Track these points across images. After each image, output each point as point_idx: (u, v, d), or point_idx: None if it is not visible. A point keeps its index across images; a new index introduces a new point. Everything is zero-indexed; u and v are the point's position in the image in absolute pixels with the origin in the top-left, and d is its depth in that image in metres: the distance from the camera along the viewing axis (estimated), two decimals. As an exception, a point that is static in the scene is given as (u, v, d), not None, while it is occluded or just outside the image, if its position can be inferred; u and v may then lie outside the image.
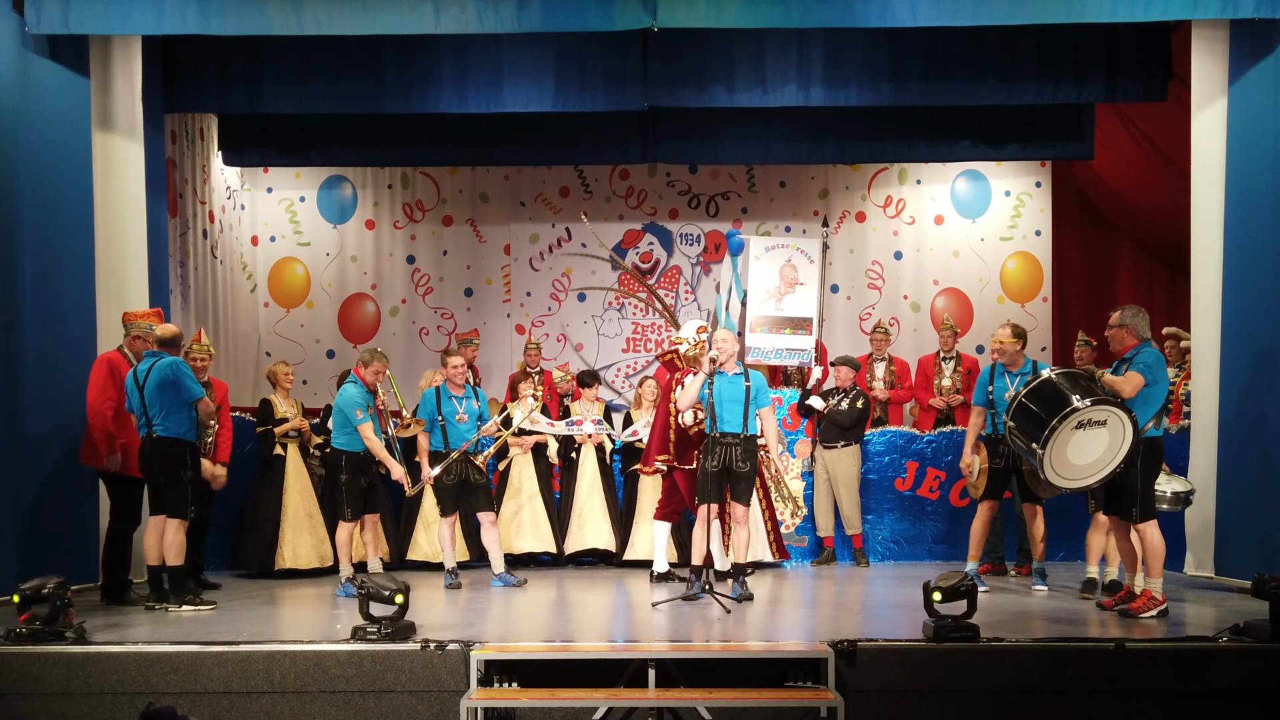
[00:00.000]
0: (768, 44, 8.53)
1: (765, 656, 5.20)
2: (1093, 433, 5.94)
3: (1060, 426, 5.90)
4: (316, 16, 7.26)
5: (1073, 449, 5.97)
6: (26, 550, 6.91)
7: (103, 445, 6.89)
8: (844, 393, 8.80)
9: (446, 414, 7.65)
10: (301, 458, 8.56)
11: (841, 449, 8.73)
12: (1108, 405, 5.90)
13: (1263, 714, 5.11)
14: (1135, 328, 6.28)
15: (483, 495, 7.76)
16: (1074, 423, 5.91)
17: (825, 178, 12.04)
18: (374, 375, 7.54)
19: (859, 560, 8.83)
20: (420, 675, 5.16)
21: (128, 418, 6.89)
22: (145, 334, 6.98)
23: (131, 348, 7.05)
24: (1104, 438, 5.94)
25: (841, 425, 8.71)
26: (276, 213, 12.14)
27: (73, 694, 5.17)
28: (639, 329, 12.02)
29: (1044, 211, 11.95)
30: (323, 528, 8.47)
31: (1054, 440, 5.94)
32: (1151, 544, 6.14)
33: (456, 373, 7.71)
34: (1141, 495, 6.13)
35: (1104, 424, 5.92)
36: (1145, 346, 6.25)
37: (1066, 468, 6.04)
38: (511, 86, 8.58)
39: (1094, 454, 5.98)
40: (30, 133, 7.14)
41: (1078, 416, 5.90)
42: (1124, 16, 7.22)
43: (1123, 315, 6.33)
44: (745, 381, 6.90)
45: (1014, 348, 7.23)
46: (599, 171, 12.01)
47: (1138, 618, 6.07)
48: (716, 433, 6.84)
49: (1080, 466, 6.03)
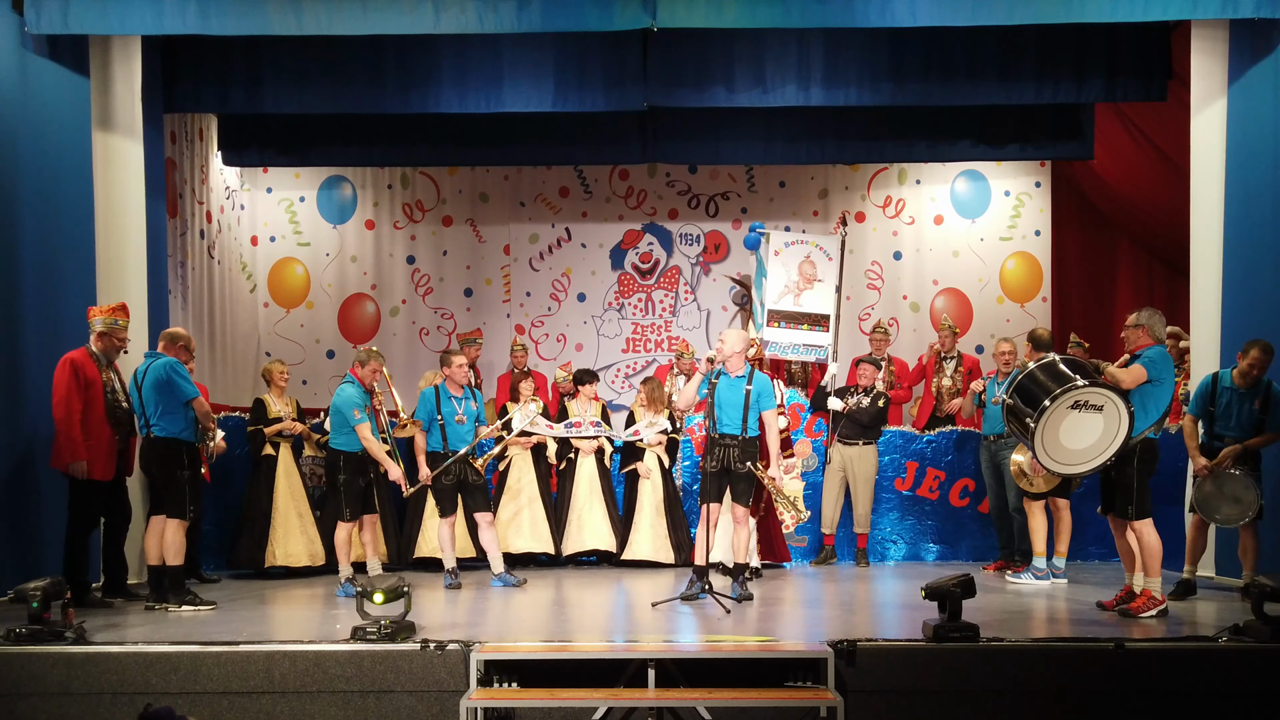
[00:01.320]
0: (767, 44, 8.54)
1: (765, 656, 5.20)
2: (1088, 417, 5.89)
3: (1055, 404, 5.82)
4: (316, 16, 7.26)
5: (1066, 431, 5.90)
6: (26, 551, 6.90)
7: (65, 450, 6.63)
8: (865, 391, 8.82)
9: (446, 414, 7.64)
10: (293, 457, 8.55)
11: (862, 446, 8.76)
12: (1107, 390, 5.88)
13: (1262, 714, 5.10)
14: (1152, 328, 6.26)
15: (480, 495, 7.76)
16: (1069, 401, 5.83)
17: (825, 178, 12.04)
18: (371, 374, 7.53)
19: (860, 560, 8.83)
20: (420, 675, 5.16)
21: (97, 421, 6.71)
22: (112, 329, 6.79)
23: (98, 345, 6.82)
24: (1098, 424, 5.89)
25: (861, 423, 8.74)
26: (276, 213, 12.15)
27: (72, 694, 5.16)
28: (639, 329, 12.02)
29: (1043, 211, 11.96)
30: (313, 527, 8.46)
31: (1048, 417, 5.85)
32: (1147, 543, 6.15)
33: (460, 373, 7.70)
34: (1136, 493, 6.13)
35: (1100, 409, 5.86)
36: (1157, 347, 6.24)
37: (1058, 450, 5.94)
38: (511, 86, 8.58)
39: (1087, 440, 5.91)
40: (30, 133, 7.14)
41: (1075, 395, 5.82)
42: (1124, 16, 7.22)
43: (1140, 316, 6.32)
44: (747, 385, 6.90)
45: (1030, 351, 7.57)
46: (599, 172, 12.02)
47: (1137, 617, 6.07)
48: (715, 433, 6.85)
49: (1073, 451, 5.96)
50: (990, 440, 8.32)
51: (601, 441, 8.95)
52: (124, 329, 6.89)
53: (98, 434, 6.73)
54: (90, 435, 6.70)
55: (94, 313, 6.94)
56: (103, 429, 6.75)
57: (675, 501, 8.85)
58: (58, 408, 6.63)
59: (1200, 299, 7.89)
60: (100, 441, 6.74)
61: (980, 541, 8.98)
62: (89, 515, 6.85)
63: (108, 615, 6.48)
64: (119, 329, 6.84)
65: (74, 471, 6.66)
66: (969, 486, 8.92)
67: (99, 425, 6.74)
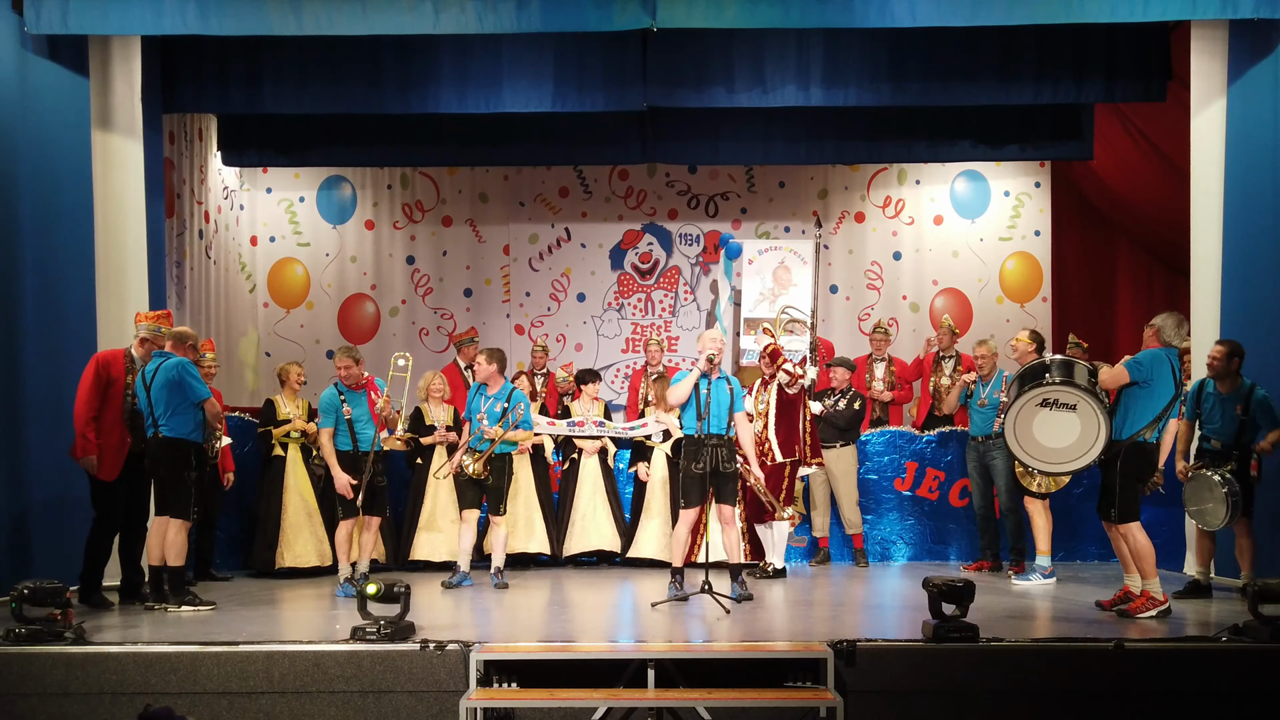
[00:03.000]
0: (767, 44, 8.53)
1: (764, 657, 5.20)
2: (1061, 416, 5.98)
3: (1020, 398, 6.04)
4: (316, 16, 7.26)
5: (1039, 427, 6.03)
6: (25, 551, 6.90)
7: (79, 444, 6.69)
8: (840, 394, 8.82)
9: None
10: (303, 458, 8.55)
11: (839, 449, 8.74)
12: (1081, 391, 5.92)
13: (1262, 714, 5.11)
14: (1162, 331, 6.24)
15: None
16: (1039, 398, 6.01)
17: (824, 178, 12.04)
18: (344, 374, 7.45)
19: (859, 560, 8.83)
20: (419, 675, 5.16)
21: (111, 421, 6.72)
22: (154, 336, 6.87)
23: (138, 350, 6.91)
24: (1075, 425, 5.97)
25: (838, 426, 8.72)
26: (276, 213, 12.14)
27: (72, 694, 5.16)
28: (638, 329, 12.02)
29: (1043, 212, 11.95)
30: (322, 527, 8.46)
31: (1018, 410, 6.04)
32: (1136, 545, 6.14)
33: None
34: (1120, 496, 6.12)
35: (1073, 408, 5.95)
36: (1154, 350, 6.21)
37: (1032, 445, 6.10)
38: (511, 87, 8.58)
39: (1065, 440, 6.02)
40: (30, 133, 7.14)
41: (1042, 392, 6.00)
42: (1123, 17, 7.22)
43: (1158, 318, 6.31)
44: (728, 385, 6.97)
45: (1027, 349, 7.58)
46: (598, 172, 12.02)
47: (1135, 618, 6.07)
48: (703, 434, 6.84)
49: (1049, 449, 6.08)
50: (978, 441, 8.35)
51: (604, 441, 8.94)
52: (165, 337, 6.87)
53: (109, 434, 6.74)
54: (101, 434, 6.71)
55: (140, 318, 7.06)
56: (115, 430, 6.76)
57: None
58: (78, 402, 6.70)
59: (1200, 299, 7.89)
60: (110, 441, 6.74)
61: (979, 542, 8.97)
62: (110, 517, 6.86)
63: (108, 616, 6.48)
64: (160, 337, 6.86)
65: (85, 466, 6.71)
66: (968, 487, 8.92)
67: (112, 426, 6.74)
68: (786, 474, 7.93)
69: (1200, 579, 7.09)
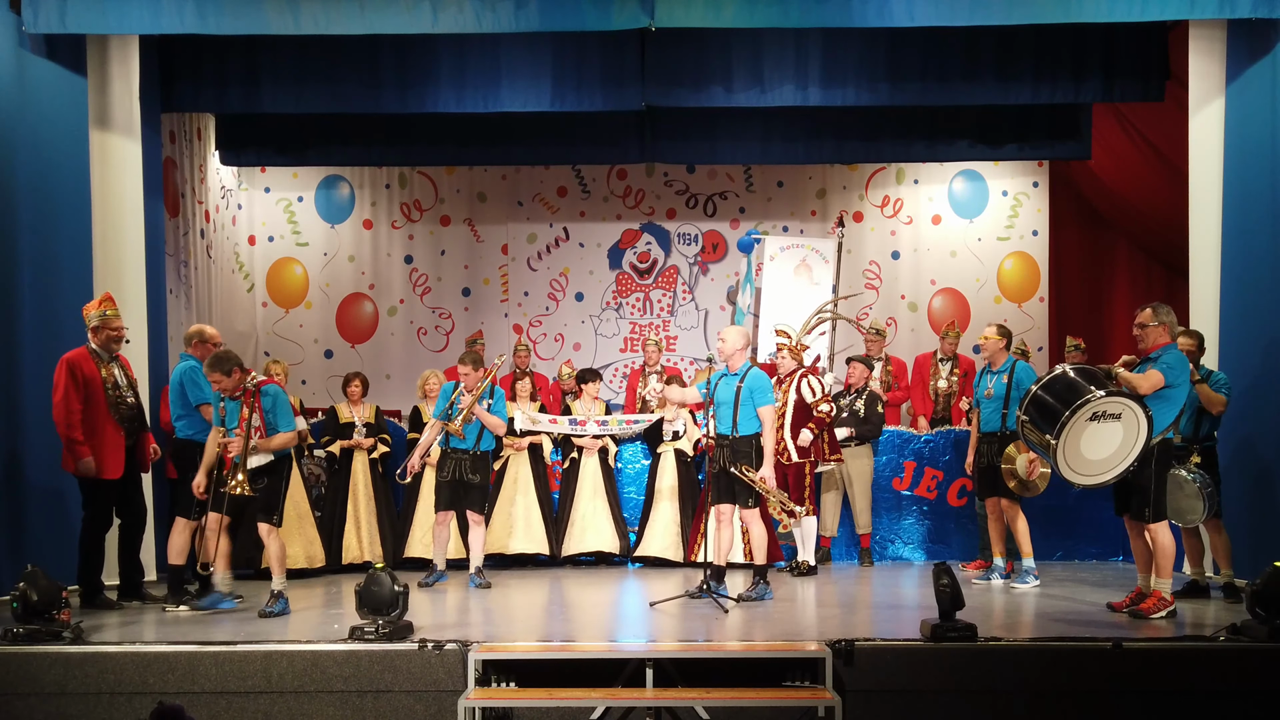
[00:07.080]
0: (765, 44, 8.54)
1: (763, 656, 5.20)
2: (1107, 426, 5.85)
3: (1074, 418, 5.79)
4: (314, 16, 7.26)
5: (1086, 442, 5.87)
6: (23, 551, 6.88)
7: (69, 452, 6.56)
8: (857, 392, 8.81)
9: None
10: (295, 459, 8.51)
11: (855, 447, 8.73)
12: (1123, 398, 5.84)
13: (1260, 714, 5.11)
14: (1170, 326, 6.22)
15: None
16: (1088, 414, 5.80)
17: (823, 177, 12.04)
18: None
19: (864, 560, 8.81)
20: (418, 675, 5.16)
21: (100, 418, 6.62)
22: (104, 321, 6.70)
23: (95, 341, 6.74)
24: (1118, 433, 5.86)
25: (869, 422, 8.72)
26: (274, 213, 12.13)
27: (70, 694, 5.16)
28: (636, 329, 12.02)
29: (1041, 211, 11.96)
30: (313, 528, 8.40)
31: (1068, 431, 5.82)
32: (1162, 544, 6.14)
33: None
34: (1154, 495, 6.10)
35: (1118, 417, 5.83)
36: (1172, 348, 6.21)
37: (1080, 462, 5.93)
38: (509, 86, 8.58)
39: (1108, 449, 5.89)
40: (28, 132, 7.13)
41: (1092, 407, 5.78)
42: (1121, 16, 7.22)
43: (1158, 313, 6.23)
44: (739, 382, 6.86)
45: (996, 345, 7.48)
46: (597, 171, 12.02)
47: (1148, 618, 6.06)
48: (714, 435, 6.84)
49: (1094, 462, 5.94)
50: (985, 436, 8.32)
51: (605, 441, 8.94)
52: (116, 318, 6.78)
53: (101, 431, 6.64)
54: (94, 433, 6.61)
55: (87, 310, 6.89)
56: (106, 426, 6.66)
57: (691, 501, 8.80)
58: (57, 410, 6.55)
59: (1198, 299, 7.89)
60: (105, 438, 6.66)
61: (978, 541, 8.97)
62: (101, 516, 6.80)
63: (106, 615, 6.47)
64: (111, 319, 6.75)
65: (82, 471, 6.60)
66: (966, 486, 8.92)
67: (102, 422, 6.64)
68: (807, 472, 7.96)
69: (1198, 579, 7.09)
